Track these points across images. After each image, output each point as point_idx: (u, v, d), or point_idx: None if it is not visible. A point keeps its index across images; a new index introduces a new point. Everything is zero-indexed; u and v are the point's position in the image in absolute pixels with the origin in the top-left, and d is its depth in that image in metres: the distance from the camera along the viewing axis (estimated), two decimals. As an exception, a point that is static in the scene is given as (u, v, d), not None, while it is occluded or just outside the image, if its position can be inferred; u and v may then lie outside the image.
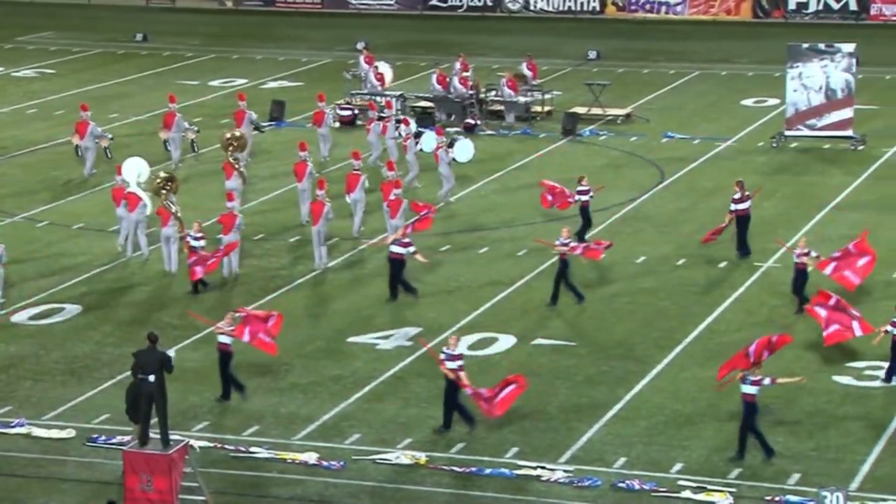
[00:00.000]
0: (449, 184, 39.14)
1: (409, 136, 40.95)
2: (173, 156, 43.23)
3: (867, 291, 31.57)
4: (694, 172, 42.10)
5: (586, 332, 29.91)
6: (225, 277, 33.53)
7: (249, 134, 43.25)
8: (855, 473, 23.51)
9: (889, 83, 53.39)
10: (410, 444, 25.02)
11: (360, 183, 36.07)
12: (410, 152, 40.36)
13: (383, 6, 71.12)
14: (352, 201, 36.22)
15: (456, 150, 41.25)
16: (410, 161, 40.27)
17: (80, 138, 42.21)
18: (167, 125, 43.41)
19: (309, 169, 37.40)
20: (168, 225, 33.96)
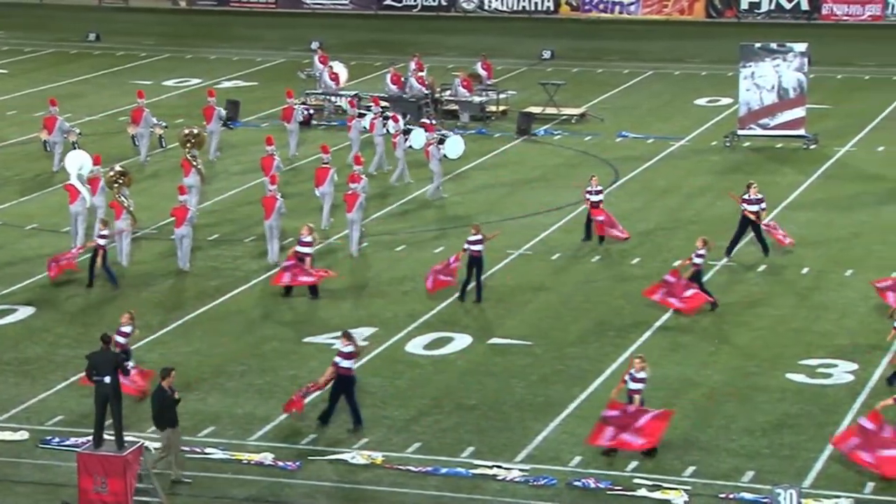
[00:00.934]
0: (438, 180, 39.40)
1: (399, 133, 41.18)
2: (141, 151, 43.40)
3: (822, 289, 31.79)
4: (648, 172, 42.28)
5: (542, 331, 29.97)
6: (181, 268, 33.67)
7: (218, 129, 43.80)
8: (808, 471, 23.67)
9: (841, 82, 53.80)
10: (366, 444, 25.00)
11: (329, 177, 36.36)
12: (399, 149, 40.63)
13: (338, 6, 71.04)
14: (321, 194, 36.59)
15: (447, 146, 41.57)
16: (399, 158, 40.56)
17: (49, 133, 42.23)
18: (135, 121, 43.55)
19: (276, 163, 37.58)
20: (121, 218, 33.99)
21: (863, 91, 52.34)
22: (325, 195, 36.44)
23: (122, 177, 35.12)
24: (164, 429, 23.48)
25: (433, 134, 40.26)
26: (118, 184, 34.78)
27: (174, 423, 23.54)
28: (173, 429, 23.54)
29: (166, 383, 23.52)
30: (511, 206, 39.00)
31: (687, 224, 36.85)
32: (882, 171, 41.44)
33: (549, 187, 40.81)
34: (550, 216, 37.82)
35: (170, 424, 23.47)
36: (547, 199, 39.46)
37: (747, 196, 33.75)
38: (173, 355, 28.94)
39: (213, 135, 43.64)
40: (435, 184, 39.31)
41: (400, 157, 40.56)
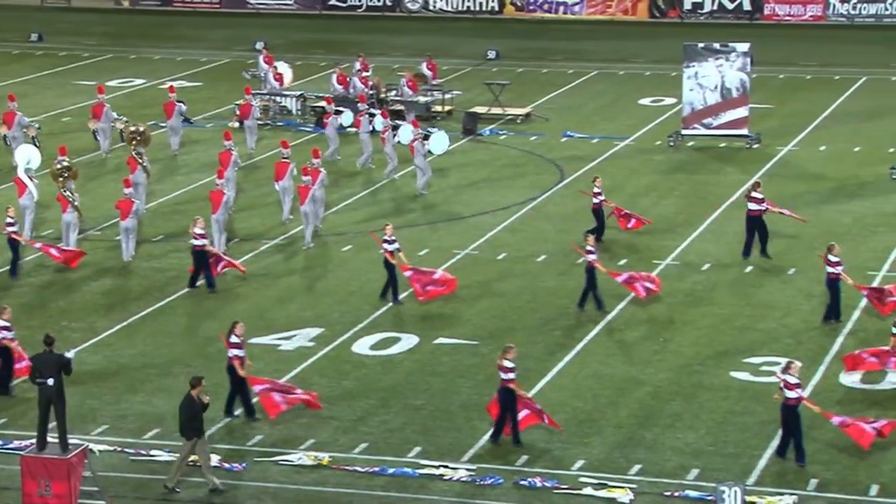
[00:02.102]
0: (425, 175, 39.69)
1: (388, 129, 41.35)
2: (102, 146, 43.61)
3: (765, 287, 32.02)
4: (594, 171, 42.39)
5: (488, 331, 30.02)
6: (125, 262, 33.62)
7: (179, 125, 44.07)
8: (752, 468, 23.83)
9: (783, 82, 54.21)
10: (313, 444, 24.97)
11: (289, 171, 36.70)
12: (389, 145, 40.87)
13: (282, 6, 70.85)
14: (280, 189, 36.86)
15: (431, 142, 41.70)
16: (389, 153, 40.85)
17: (8, 128, 42.39)
18: (96, 115, 43.72)
19: (234, 158, 37.80)
20: (67, 212, 34.02)
21: (805, 91, 52.77)
22: (285, 190, 36.77)
23: (67, 171, 35.08)
24: (191, 438, 23.13)
25: (419, 130, 40.62)
26: (63, 178, 34.72)
27: (201, 432, 23.24)
28: (199, 438, 23.26)
29: (195, 392, 23.23)
30: (457, 206, 39.04)
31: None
32: (824, 171, 41.79)
33: (495, 187, 40.89)
34: (497, 216, 37.90)
35: (196, 434, 23.17)
36: (493, 199, 39.54)
37: (754, 194, 33.72)
38: (117, 357, 28.81)
39: (175, 130, 44.06)
40: (422, 179, 39.69)
41: (389, 152, 40.93)
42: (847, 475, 23.42)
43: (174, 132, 44.13)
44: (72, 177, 35.07)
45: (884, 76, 53.20)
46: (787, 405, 23.84)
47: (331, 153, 42.37)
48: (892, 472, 23.49)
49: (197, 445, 23.22)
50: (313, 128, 47.50)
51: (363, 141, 42.25)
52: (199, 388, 23.34)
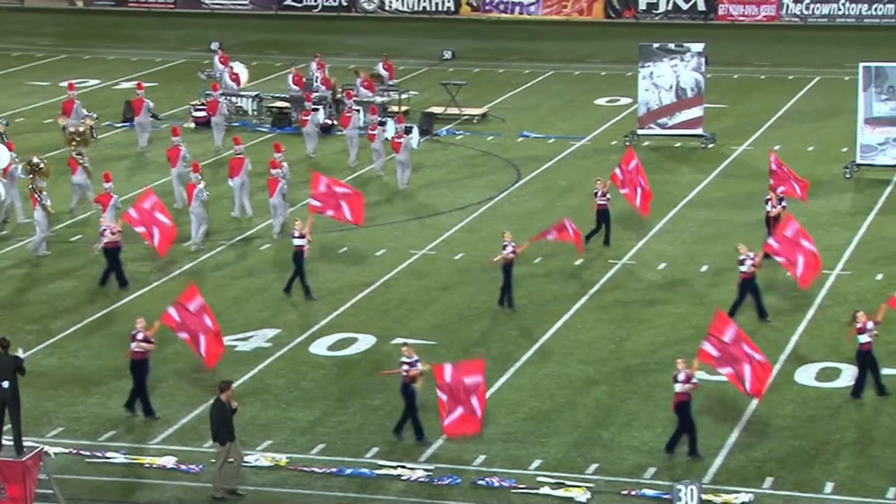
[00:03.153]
0: (408, 170, 40.28)
1: (376, 126, 41.70)
2: None
3: (721, 286, 32.16)
4: (550, 171, 42.55)
5: (446, 331, 30.05)
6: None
7: (147, 122, 44.48)
8: (709, 466, 23.95)
9: (737, 82, 54.49)
10: (270, 445, 24.92)
11: (244, 167, 37.30)
12: (378, 141, 41.24)
13: (237, 6, 70.65)
14: (233, 185, 37.34)
15: (413, 136, 42.07)
16: (377, 149, 41.28)
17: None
18: (66, 112, 43.87)
19: (182, 153, 38.14)
20: (36, 210, 34.20)
21: (759, 91, 53.07)
22: (242, 185, 37.15)
23: (37, 169, 35.07)
24: (225, 443, 22.98)
25: (401, 125, 41.15)
26: (32, 175, 34.90)
27: (233, 436, 23.11)
28: (233, 442, 23.12)
29: (225, 396, 23.10)
30: (414, 206, 39.06)
31: (589, 223, 37.10)
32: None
33: (452, 187, 40.93)
34: (453, 216, 37.94)
35: (230, 438, 23.03)
36: (450, 199, 39.58)
37: (770, 196, 33.82)
38: (73, 359, 28.67)
39: (143, 127, 44.37)
40: (407, 174, 40.29)
41: (378, 148, 41.33)
42: (802, 473, 23.58)
43: (142, 129, 44.52)
44: (42, 175, 35.10)
45: (837, 76, 53.57)
46: (678, 401, 24.07)
47: (311, 150, 43.20)
48: (847, 470, 23.67)
49: (231, 449, 23.08)
50: (269, 128, 47.44)
51: (349, 138, 42.75)
52: (229, 391, 23.20)
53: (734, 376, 24.39)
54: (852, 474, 23.47)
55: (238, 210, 37.55)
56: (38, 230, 34.64)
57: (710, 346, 24.63)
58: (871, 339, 25.90)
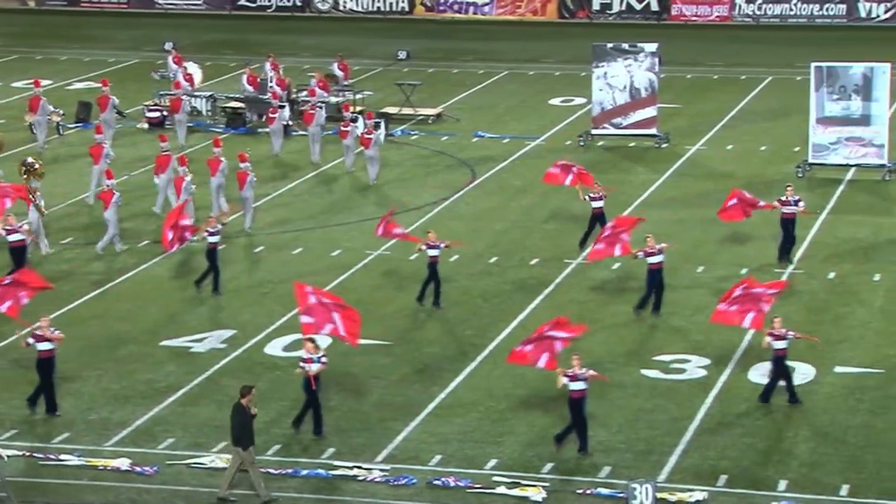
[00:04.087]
0: (377, 165, 40.62)
1: (349, 122, 42.11)
2: (39, 138, 44.19)
3: (675, 286, 32.31)
4: (504, 171, 42.63)
5: (401, 331, 30.05)
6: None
7: (112, 119, 44.84)
8: (663, 465, 24.05)
9: (691, 82, 54.75)
10: (225, 447, 24.83)
11: (170, 164, 37.39)
12: (350, 137, 41.62)
13: (191, 6, 70.39)
14: (158, 182, 37.65)
15: (382, 131, 42.55)
16: (349, 146, 41.70)
17: None
18: (32, 109, 44.32)
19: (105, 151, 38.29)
20: (29, 210, 34.34)
21: (712, 90, 53.34)
22: (167, 182, 37.21)
23: (31, 169, 35.21)
24: (247, 447, 22.83)
25: (371, 121, 41.54)
26: (26, 175, 34.96)
27: (252, 441, 22.96)
28: (253, 447, 23.00)
29: (245, 401, 22.94)
30: (369, 207, 39.03)
31: (542, 223, 37.25)
32: (732, 169, 42.25)
33: (407, 187, 40.94)
34: (408, 216, 37.92)
35: (251, 443, 22.89)
36: (405, 200, 39.56)
37: (784, 198, 33.74)
38: (27, 361, 28.45)
39: (108, 124, 44.53)
40: (376, 170, 40.59)
41: (349, 145, 41.72)
42: (756, 471, 23.72)
43: (108, 126, 44.57)
44: (36, 176, 35.09)
45: (789, 76, 53.91)
46: (573, 398, 24.29)
47: (278, 148, 43.63)
48: (800, 467, 23.83)
49: (246, 456, 22.95)
50: (224, 128, 47.30)
51: (312, 134, 43.14)
52: (249, 396, 23.06)
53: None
54: (806, 472, 23.63)
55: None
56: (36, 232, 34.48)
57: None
58: (787, 346, 25.83)
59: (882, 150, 40.83)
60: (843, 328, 29.68)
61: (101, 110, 44.84)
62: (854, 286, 32.25)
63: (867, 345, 28.86)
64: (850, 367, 27.64)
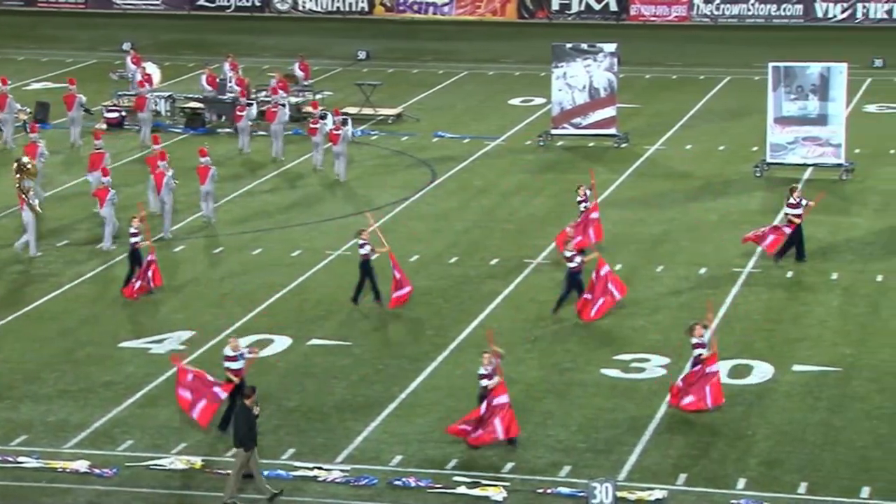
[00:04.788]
0: (345, 161, 41.04)
1: (318, 119, 42.43)
2: (6, 136, 44.46)
3: (634, 285, 32.41)
4: (465, 171, 42.66)
5: (361, 332, 30.02)
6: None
7: (79, 117, 44.85)
8: (623, 464, 24.12)
9: (649, 82, 54.95)
10: (185, 448, 24.77)
11: (103, 162, 37.42)
12: (320, 134, 41.96)
13: (149, 6, 70.13)
14: (92, 180, 37.48)
15: (349, 126, 43.02)
16: (318, 143, 41.98)
17: None
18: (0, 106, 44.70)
19: (40, 150, 38.41)
20: (24, 210, 34.35)
21: (671, 90, 53.56)
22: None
23: (24, 169, 35.20)
24: (251, 448, 22.69)
25: (339, 117, 41.86)
26: (19, 175, 34.95)
27: (256, 442, 22.83)
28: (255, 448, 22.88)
29: (250, 402, 22.80)
30: (329, 207, 39.00)
31: (502, 222, 37.30)
32: (690, 169, 42.44)
33: (367, 187, 40.91)
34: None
35: (255, 443, 22.77)
36: (365, 200, 39.54)
37: (791, 200, 33.64)
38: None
39: (75, 122, 44.73)
40: (344, 165, 40.95)
41: (318, 142, 41.99)
42: (715, 469, 23.82)
43: (74, 124, 44.79)
44: (30, 175, 35.01)
45: (747, 76, 54.19)
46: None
47: (244, 146, 44.07)
48: (759, 465, 23.95)
49: (252, 456, 22.83)
50: (183, 129, 47.18)
51: (274, 132, 43.52)
52: (253, 397, 22.94)
53: None
54: (764, 470, 23.75)
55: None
56: (27, 231, 34.46)
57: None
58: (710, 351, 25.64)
59: (839, 149, 41.08)
60: (802, 327, 29.85)
61: (68, 109, 44.88)
62: (812, 285, 32.45)
63: (825, 343, 29.04)
64: (808, 365, 27.81)
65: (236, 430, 22.85)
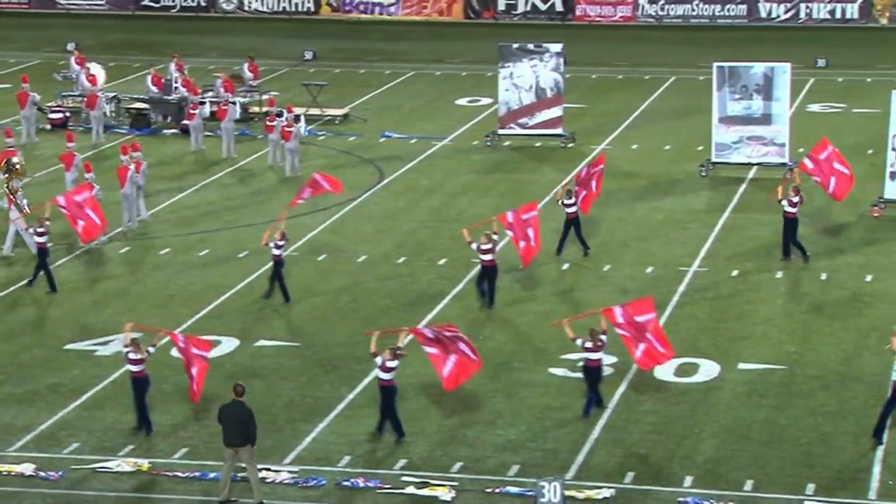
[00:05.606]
0: (297, 157, 41.61)
1: (274, 117, 42.74)
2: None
3: (581, 284, 32.55)
4: (412, 171, 42.68)
5: (309, 333, 29.98)
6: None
7: (32, 115, 45.03)
8: (571, 463, 24.21)
9: (595, 82, 55.16)
10: (132, 451, 24.65)
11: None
12: (276, 132, 42.26)
13: (93, 6, 69.70)
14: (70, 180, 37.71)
15: (301, 123, 43.65)
16: (274, 140, 42.35)
17: None
18: None
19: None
20: (11, 208, 34.43)
21: (616, 90, 53.79)
22: (72, 182, 37.50)
23: (13, 168, 35.17)
24: (244, 446, 22.64)
25: (291, 114, 42.19)
26: (7, 174, 34.96)
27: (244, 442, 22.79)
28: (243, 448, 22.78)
29: (243, 399, 22.79)
30: (276, 207, 38.87)
31: (450, 223, 37.32)
32: (636, 169, 42.64)
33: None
34: (316, 217, 37.87)
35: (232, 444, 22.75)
36: (312, 201, 39.41)
37: (791, 198, 33.75)
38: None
39: (28, 120, 44.86)
40: (295, 161, 41.53)
41: (274, 139, 42.44)
42: (662, 467, 23.96)
43: (27, 122, 44.80)
44: (18, 175, 34.95)
45: (692, 76, 54.51)
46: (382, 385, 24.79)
47: (197, 144, 44.31)
48: (705, 463, 24.10)
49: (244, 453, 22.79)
50: (128, 129, 46.97)
51: (225, 129, 43.64)
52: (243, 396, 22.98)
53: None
54: (711, 467, 23.91)
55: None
56: (20, 231, 34.45)
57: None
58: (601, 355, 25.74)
59: (783, 148, 41.40)
60: (747, 325, 30.06)
61: (21, 107, 44.87)
62: (757, 284, 32.69)
63: (770, 341, 29.26)
64: (753, 363, 28.01)
65: (225, 429, 22.77)
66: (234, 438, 22.73)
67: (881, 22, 65.32)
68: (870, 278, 32.81)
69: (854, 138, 45.06)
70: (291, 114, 42.38)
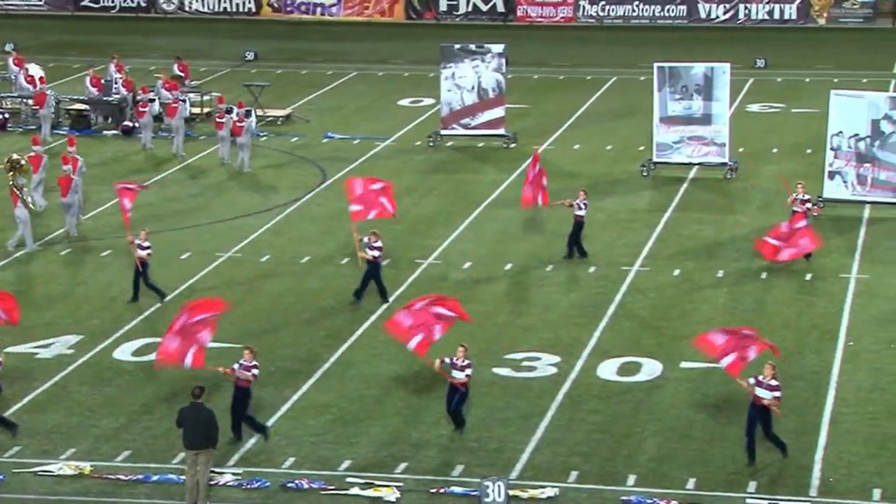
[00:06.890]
0: (248, 152, 42.04)
1: (223, 114, 42.85)
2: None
3: (525, 284, 32.63)
4: (355, 172, 42.58)
5: (253, 334, 29.87)
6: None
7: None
8: (515, 462, 24.28)
9: (537, 82, 55.33)
10: (74, 454, 24.50)
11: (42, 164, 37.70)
12: (226, 129, 42.51)
13: (32, 6, 69.17)
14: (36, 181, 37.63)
15: (252, 119, 44.15)
16: (224, 137, 42.51)
17: None
18: None
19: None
20: (17, 207, 34.43)
21: (558, 91, 53.98)
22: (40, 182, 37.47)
23: (17, 166, 35.01)
24: (206, 448, 22.57)
25: (242, 109, 42.71)
26: (12, 173, 34.77)
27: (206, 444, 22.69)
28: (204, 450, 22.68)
29: (202, 400, 22.71)
30: (219, 208, 38.77)
31: (393, 224, 37.27)
32: (578, 169, 42.79)
33: (258, 188, 40.74)
34: (259, 218, 37.77)
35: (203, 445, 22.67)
36: (255, 201, 39.39)
37: (797, 196, 33.84)
38: None
39: None
40: (245, 156, 41.97)
41: (224, 136, 42.55)
42: (606, 466, 24.08)
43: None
44: (22, 172, 35.07)
45: (632, 76, 54.78)
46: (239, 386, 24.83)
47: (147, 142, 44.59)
48: (648, 462, 24.24)
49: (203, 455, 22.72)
50: (68, 130, 46.64)
51: (176, 127, 43.91)
52: (203, 397, 22.96)
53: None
54: (654, 466, 24.05)
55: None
56: (20, 228, 34.54)
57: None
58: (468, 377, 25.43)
59: (723, 148, 41.70)
60: (689, 324, 30.25)
61: None
62: (698, 283, 32.91)
63: (712, 340, 29.41)
64: (695, 362, 28.18)
65: (186, 431, 22.73)
66: (196, 440, 22.66)
67: (819, 22, 65.95)
68: (809, 277, 33.11)
69: (793, 138, 45.49)
70: (242, 109, 42.58)
